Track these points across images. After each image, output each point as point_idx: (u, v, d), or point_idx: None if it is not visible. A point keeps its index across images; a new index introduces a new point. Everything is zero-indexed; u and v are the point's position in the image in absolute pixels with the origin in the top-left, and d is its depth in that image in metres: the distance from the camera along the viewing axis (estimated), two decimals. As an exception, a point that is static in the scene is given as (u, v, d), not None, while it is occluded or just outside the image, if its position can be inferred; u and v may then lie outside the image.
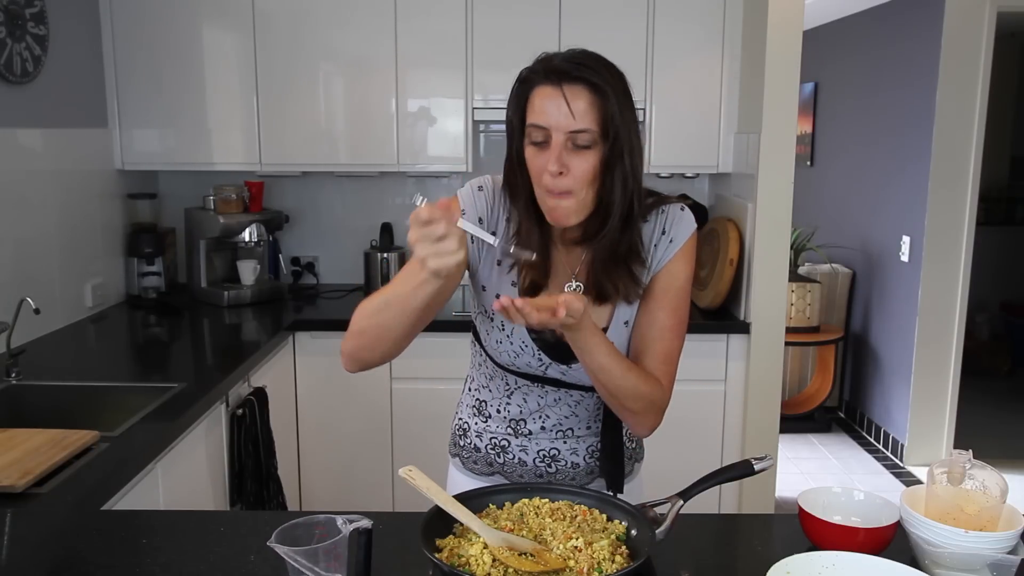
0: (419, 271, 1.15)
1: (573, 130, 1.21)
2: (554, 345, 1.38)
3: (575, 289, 1.37)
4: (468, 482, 1.51)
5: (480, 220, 1.37)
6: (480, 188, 1.39)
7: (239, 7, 3.07)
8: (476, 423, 1.51)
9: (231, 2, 3.07)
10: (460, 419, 1.56)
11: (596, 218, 1.30)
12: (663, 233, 1.37)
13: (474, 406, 1.52)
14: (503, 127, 1.35)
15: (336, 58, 3.12)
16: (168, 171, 3.42)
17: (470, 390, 1.54)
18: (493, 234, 1.31)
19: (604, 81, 1.22)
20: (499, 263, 1.39)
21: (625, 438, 1.51)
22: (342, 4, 3.06)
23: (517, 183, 1.32)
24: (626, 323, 1.39)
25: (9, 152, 2.54)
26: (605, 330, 1.38)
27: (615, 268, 1.33)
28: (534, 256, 1.23)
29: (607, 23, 3.01)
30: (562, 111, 1.21)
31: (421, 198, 1.09)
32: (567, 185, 1.23)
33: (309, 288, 3.52)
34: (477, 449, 1.51)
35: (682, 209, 1.39)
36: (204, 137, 3.16)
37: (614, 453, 1.46)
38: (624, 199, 1.28)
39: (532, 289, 1.36)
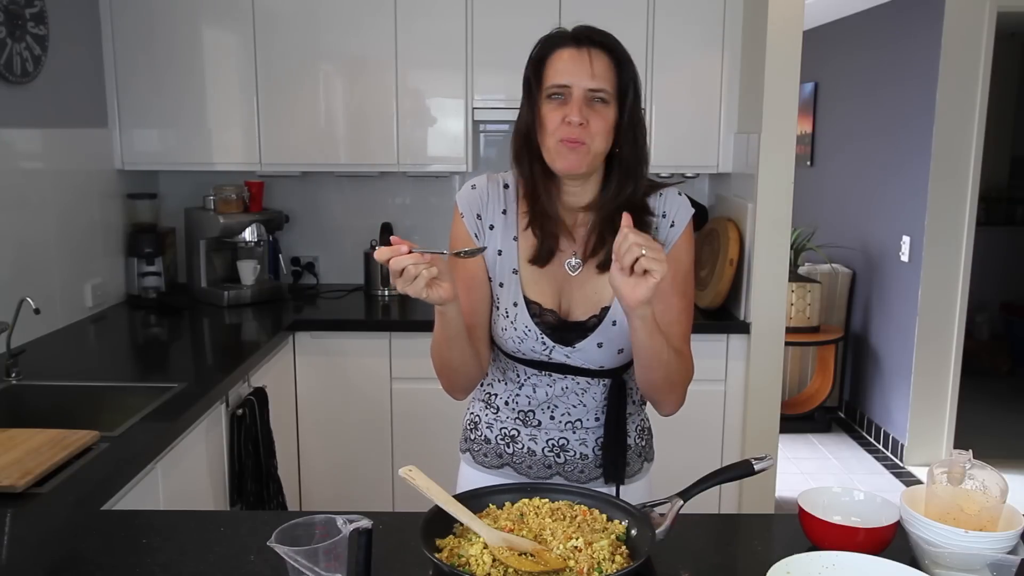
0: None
1: (592, 88, 1.30)
2: (557, 327, 1.42)
3: (574, 266, 1.42)
4: (479, 477, 1.52)
5: (478, 216, 1.45)
6: (474, 187, 1.48)
7: (239, 7, 3.07)
8: (487, 415, 1.53)
9: (231, 2, 3.07)
10: (471, 413, 1.59)
11: (611, 181, 1.39)
12: (663, 216, 1.43)
13: (484, 400, 1.55)
14: (503, 127, 1.41)
15: (336, 58, 3.12)
16: (168, 171, 3.42)
17: (481, 385, 1.56)
18: (484, 227, 1.45)
19: (621, 52, 1.35)
20: (500, 252, 1.44)
21: (635, 434, 1.53)
22: (342, 4, 3.06)
23: (527, 149, 1.38)
24: None
25: (9, 152, 2.54)
26: (607, 309, 1.41)
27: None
28: (485, 249, 1.32)
29: (607, 23, 2.97)
30: (584, 69, 1.31)
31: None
32: (584, 136, 1.31)
33: (309, 288, 3.52)
34: (487, 441, 1.53)
35: (679, 194, 1.46)
36: (204, 137, 3.16)
37: (616, 443, 1.48)
38: (638, 160, 1.37)
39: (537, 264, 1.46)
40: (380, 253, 1.19)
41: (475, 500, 1.26)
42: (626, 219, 1.20)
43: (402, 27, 3.08)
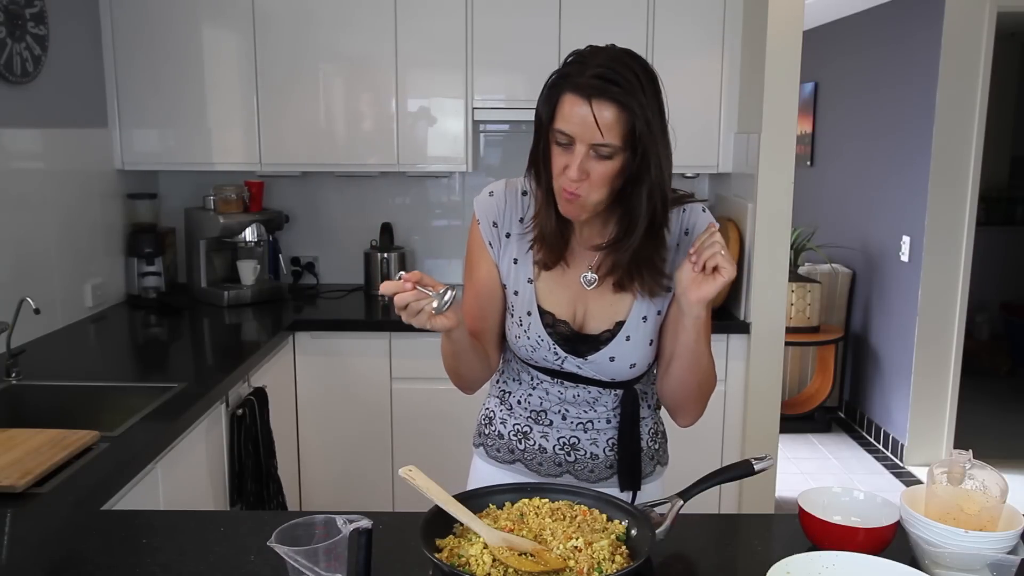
0: None
1: (596, 143, 1.24)
2: (569, 338, 1.42)
3: (590, 281, 1.41)
4: (491, 471, 1.54)
5: (494, 223, 1.45)
6: (491, 194, 1.47)
7: (239, 7, 3.07)
8: (501, 411, 1.55)
9: (231, 2, 3.07)
10: (486, 408, 1.59)
11: (619, 226, 1.35)
12: (685, 233, 1.42)
13: (499, 396, 1.56)
14: (503, 127, 1.40)
15: (336, 58, 3.12)
16: (168, 171, 3.42)
17: (497, 381, 1.57)
18: (498, 233, 1.45)
19: (633, 97, 1.24)
20: (515, 261, 1.44)
21: (648, 437, 1.52)
22: (342, 4, 3.06)
23: (540, 170, 1.36)
24: (644, 319, 1.42)
25: (9, 152, 2.54)
26: (622, 323, 1.41)
27: (636, 268, 1.37)
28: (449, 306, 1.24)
29: (607, 23, 3.01)
30: (588, 124, 1.24)
31: (399, 273, 1.22)
32: (581, 189, 1.28)
33: (309, 288, 3.52)
34: (500, 436, 1.54)
35: (703, 210, 1.43)
36: (204, 137, 3.16)
37: (631, 452, 1.48)
38: (648, 209, 1.31)
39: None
40: (385, 287, 1.21)
41: (475, 500, 1.26)
42: (713, 224, 1.30)
43: (402, 27, 3.08)
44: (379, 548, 1.14)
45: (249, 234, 3.18)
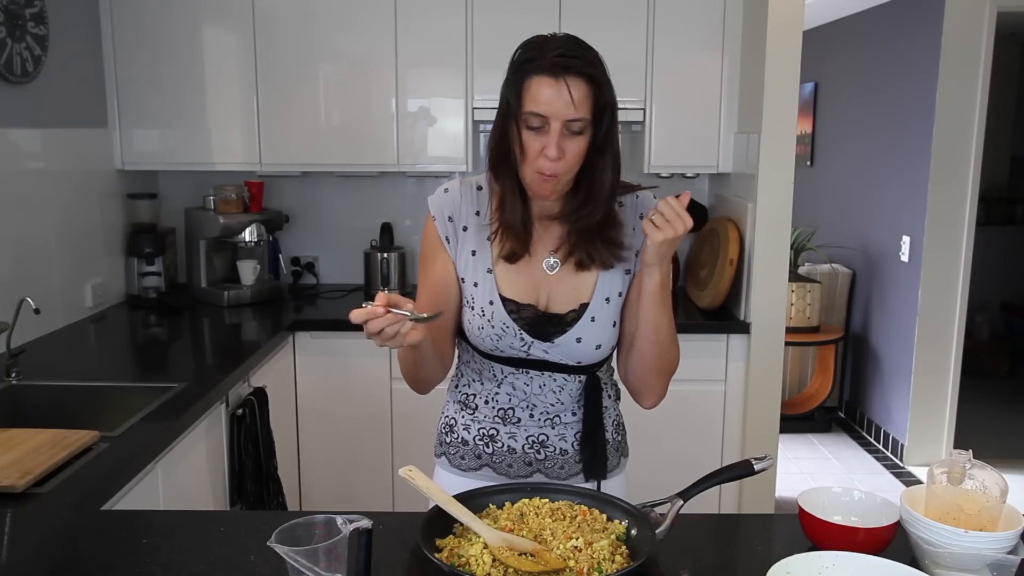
0: None
1: (570, 119, 1.28)
2: (535, 322, 1.43)
3: (552, 265, 1.44)
4: (456, 480, 1.51)
5: (450, 218, 1.46)
6: (446, 190, 1.49)
7: (239, 7, 3.07)
8: (463, 417, 1.53)
9: (231, 2, 3.07)
10: (446, 416, 1.58)
11: (579, 196, 1.39)
12: (640, 218, 1.45)
13: (460, 401, 1.54)
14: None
15: (336, 58, 3.12)
16: (168, 171, 3.42)
17: (456, 387, 1.56)
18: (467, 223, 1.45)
19: (598, 70, 1.30)
20: (473, 253, 1.45)
21: (612, 429, 1.53)
22: (343, 4, 3.06)
23: (504, 160, 1.38)
24: (607, 299, 1.44)
25: (9, 152, 2.54)
26: (586, 305, 1.43)
27: (594, 237, 1.41)
28: (440, 314, 1.27)
29: (607, 23, 3.01)
30: (563, 101, 1.28)
31: (366, 303, 1.19)
32: (559, 168, 1.32)
33: (309, 288, 3.52)
34: (464, 443, 1.52)
35: (655, 197, 1.48)
36: (204, 137, 3.16)
37: (595, 439, 1.49)
38: (612, 177, 1.38)
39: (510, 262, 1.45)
40: (355, 315, 1.18)
41: (475, 500, 1.26)
42: (684, 198, 1.30)
43: (402, 27, 3.08)
44: (379, 548, 1.14)
45: (249, 234, 3.18)
